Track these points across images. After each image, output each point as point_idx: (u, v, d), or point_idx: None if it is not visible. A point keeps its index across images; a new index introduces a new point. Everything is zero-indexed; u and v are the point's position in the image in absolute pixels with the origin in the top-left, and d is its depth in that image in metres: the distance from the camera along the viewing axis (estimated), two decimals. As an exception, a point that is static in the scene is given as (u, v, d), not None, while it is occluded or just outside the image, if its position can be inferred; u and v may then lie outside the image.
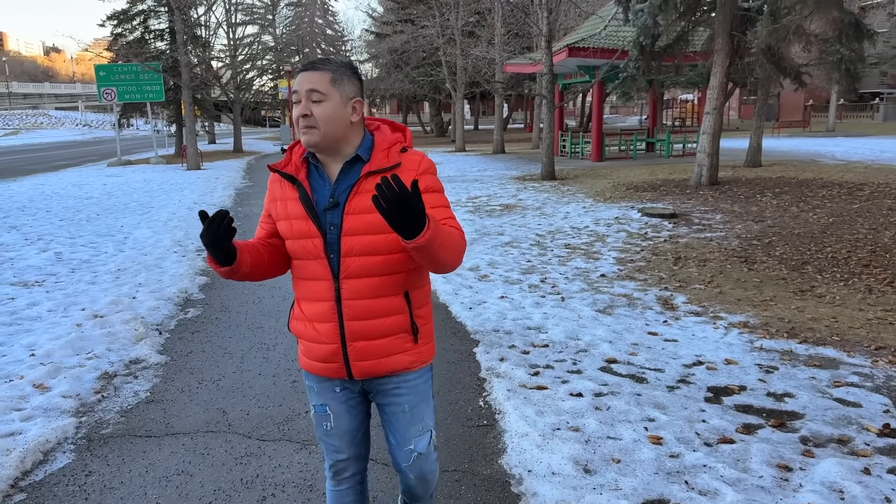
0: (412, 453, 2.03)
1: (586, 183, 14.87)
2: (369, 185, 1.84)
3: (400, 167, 1.88)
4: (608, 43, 18.40)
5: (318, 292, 1.91)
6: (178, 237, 8.86)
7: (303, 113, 1.82)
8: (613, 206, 10.89)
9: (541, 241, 8.44)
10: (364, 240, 1.85)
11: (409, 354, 1.98)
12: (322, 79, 1.83)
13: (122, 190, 14.85)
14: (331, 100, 1.83)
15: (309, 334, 1.95)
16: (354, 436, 2.07)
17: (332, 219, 1.87)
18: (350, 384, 2.02)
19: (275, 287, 6.43)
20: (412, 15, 32.18)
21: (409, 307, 1.94)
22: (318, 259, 1.89)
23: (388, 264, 1.88)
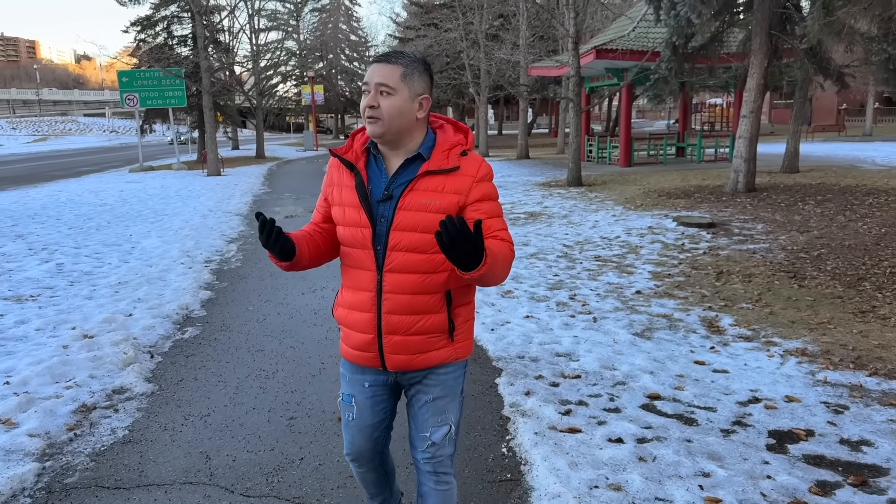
0: (426, 440, 2.04)
1: (615, 189, 14.25)
2: (425, 184, 1.87)
3: (458, 171, 1.89)
4: (637, 44, 17.77)
5: (361, 281, 1.94)
6: (187, 247, 8.47)
7: (370, 104, 1.83)
8: (646, 215, 10.29)
9: (568, 252, 7.89)
10: (412, 236, 1.86)
11: (444, 351, 1.98)
12: (393, 73, 1.84)
13: (137, 197, 14.59)
14: (399, 94, 1.84)
15: (348, 321, 1.99)
16: (373, 431, 2.10)
17: (384, 211, 1.89)
18: (383, 375, 2.05)
19: (282, 304, 5.97)
20: (435, 19, 31.80)
21: (449, 307, 1.94)
22: (364, 249, 1.91)
23: (432, 263, 1.88)
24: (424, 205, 1.86)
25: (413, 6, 42.91)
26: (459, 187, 1.88)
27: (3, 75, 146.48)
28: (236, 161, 30.18)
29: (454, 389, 2.06)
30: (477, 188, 1.89)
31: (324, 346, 4.79)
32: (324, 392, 3.96)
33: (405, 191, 1.88)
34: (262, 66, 34.61)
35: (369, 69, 1.88)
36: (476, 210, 1.88)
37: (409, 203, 1.87)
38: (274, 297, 6.19)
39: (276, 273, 7.21)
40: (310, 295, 6.25)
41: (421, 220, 1.86)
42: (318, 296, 6.22)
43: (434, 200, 1.87)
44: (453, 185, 1.88)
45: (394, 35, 48.32)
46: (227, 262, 7.86)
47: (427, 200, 1.87)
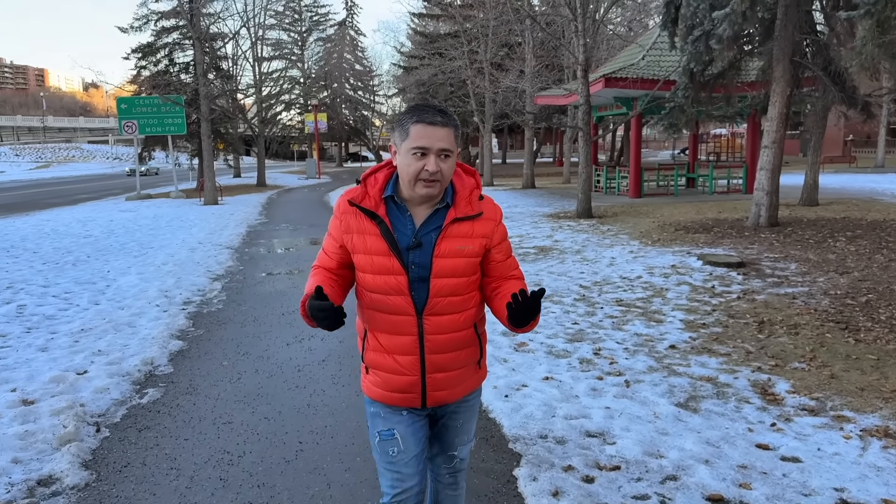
0: (454, 458, 2.19)
1: (628, 222, 13.53)
2: (456, 231, 1.94)
3: (482, 216, 1.98)
4: (648, 73, 17.21)
5: (400, 326, 1.96)
6: (167, 286, 7.73)
7: (436, 170, 1.84)
8: (666, 251, 9.53)
9: (586, 294, 7.12)
10: (451, 281, 1.94)
11: (474, 379, 2.12)
12: (450, 136, 1.87)
13: (126, 227, 13.90)
14: (454, 156, 1.90)
15: (389, 366, 2.00)
16: (419, 461, 2.06)
17: (415, 258, 1.92)
18: (418, 411, 2.07)
19: (262, 358, 5.20)
20: (440, 48, 31.49)
21: (479, 338, 2.08)
22: (401, 295, 1.93)
23: (465, 302, 1.99)
24: (459, 251, 1.93)
25: (418, 36, 42.78)
26: (486, 232, 1.98)
27: (11, 103, 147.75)
28: (237, 189, 29.62)
29: (476, 409, 2.21)
30: (498, 231, 2.02)
31: (305, 417, 4.01)
32: (298, 488, 3.17)
33: (439, 238, 1.91)
34: (264, 95, 34.28)
35: (420, 130, 1.84)
36: (499, 251, 2.02)
37: (445, 250, 1.92)
38: (254, 349, 5.42)
39: (260, 317, 6.46)
40: (295, 346, 5.48)
41: (458, 265, 1.93)
42: (305, 347, 5.45)
43: (467, 246, 1.94)
44: (481, 230, 1.97)
45: (398, 64, 48.22)
46: (208, 303, 7.11)
47: (461, 246, 1.93)
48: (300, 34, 51.33)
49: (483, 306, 2.11)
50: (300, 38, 51.52)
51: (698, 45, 11.36)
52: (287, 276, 8.60)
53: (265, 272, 8.92)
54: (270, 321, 6.32)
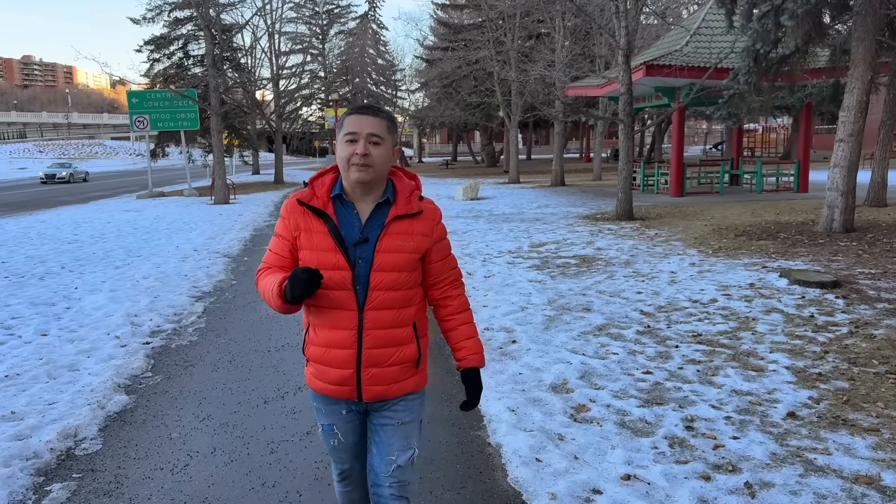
0: (392, 463, 2.12)
1: (676, 225, 11.98)
2: (397, 227, 2.02)
3: (422, 215, 2.07)
4: (694, 60, 15.57)
5: (340, 321, 2.00)
6: (138, 308, 6.43)
7: (364, 152, 1.94)
8: (735, 264, 8.01)
9: (651, 325, 5.66)
10: (391, 276, 1.99)
11: (412, 380, 2.12)
12: (380, 125, 1.99)
13: (119, 231, 12.68)
14: (385, 144, 1.99)
15: (325, 358, 2.04)
16: (357, 449, 2.22)
17: (361, 253, 1.98)
18: (356, 405, 2.12)
19: (227, 425, 3.83)
20: (465, 39, 29.99)
21: (417, 338, 2.10)
22: (344, 290, 1.98)
23: (405, 299, 2.04)
24: (400, 246, 2.00)
25: (441, 27, 41.32)
26: (426, 230, 2.06)
27: (40, 99, 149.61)
28: (252, 187, 28.50)
29: (419, 414, 2.18)
30: (437, 230, 2.11)
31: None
32: None
33: (381, 234, 1.99)
34: (282, 89, 33.09)
35: (351, 119, 1.98)
36: (437, 251, 2.11)
37: (387, 246, 1.99)
38: (220, 410, 4.06)
39: (239, 356, 5.10)
40: (275, 405, 4.11)
41: (398, 260, 2.00)
42: (287, 407, 4.07)
43: (407, 242, 2.02)
44: (420, 228, 2.05)
45: (421, 57, 46.81)
46: (181, 333, 5.77)
47: (402, 242, 2.01)
48: (321, 27, 50.05)
49: (424, 308, 2.17)
50: (321, 32, 50.26)
51: (765, 23, 9.78)
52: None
53: (260, 288, 7.60)
54: (251, 362, 4.96)
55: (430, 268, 2.10)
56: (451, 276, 2.15)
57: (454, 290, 2.16)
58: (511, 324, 5.76)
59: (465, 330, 2.15)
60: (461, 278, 2.21)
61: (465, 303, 2.19)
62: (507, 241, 10.69)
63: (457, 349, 2.15)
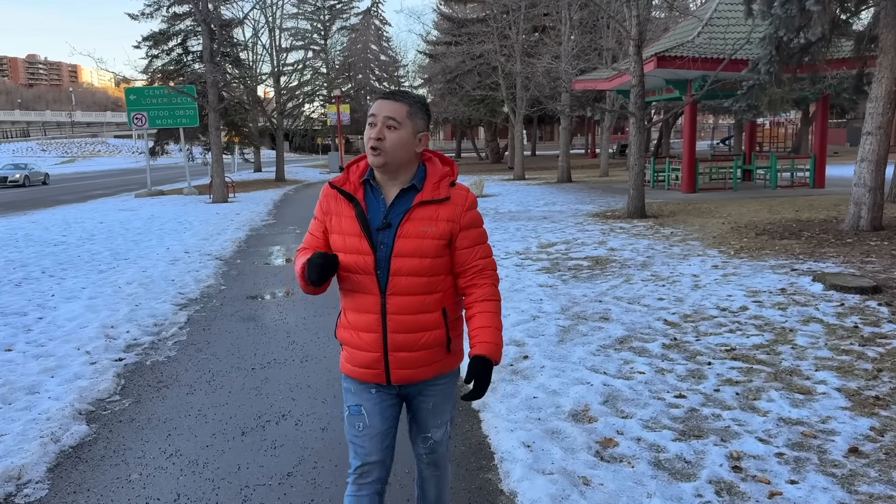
0: (429, 439, 2.22)
1: (692, 223, 11.41)
2: (421, 213, 2.00)
3: (450, 200, 2.03)
4: (708, 51, 14.98)
5: (365, 304, 2.02)
6: (116, 318, 5.91)
7: (378, 136, 1.95)
8: (761, 266, 7.44)
9: (678, 337, 5.11)
10: (412, 262, 1.98)
11: (442, 363, 2.11)
12: (400, 109, 1.97)
13: (111, 231, 12.17)
14: (404, 129, 1.97)
15: (354, 342, 2.06)
16: (383, 439, 2.11)
17: (384, 238, 1.98)
18: (387, 388, 2.11)
19: (192, 466, 3.30)
20: (469, 33, 29.37)
21: (446, 323, 2.07)
22: (367, 274, 1.99)
23: (430, 285, 2.02)
24: (422, 232, 1.98)
25: (445, 21, 40.71)
26: (452, 216, 2.02)
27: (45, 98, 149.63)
28: (254, 185, 28.01)
29: (450, 394, 2.19)
30: (466, 216, 2.05)
31: None
32: None
33: (403, 220, 1.98)
34: (283, 86, 32.55)
35: (376, 104, 1.98)
36: (464, 237, 2.05)
37: (408, 231, 1.98)
38: (190, 443, 3.54)
39: (220, 375, 4.58)
40: (254, 436, 3.58)
41: (419, 246, 1.98)
42: (268, 441, 3.54)
43: (430, 228, 1.99)
44: (446, 213, 2.01)
45: (424, 52, 46.21)
46: (159, 347, 5.25)
47: (424, 228, 1.98)
48: (323, 23, 49.47)
49: (455, 295, 2.13)
50: (323, 28, 49.69)
51: (789, 8, 9.19)
52: (275, 303, 6.73)
53: (250, 295, 7.07)
54: (232, 382, 4.43)
55: (457, 254, 2.07)
56: (480, 265, 2.08)
57: (480, 279, 2.08)
58: (522, 336, 5.22)
59: (483, 318, 2.06)
60: (493, 269, 2.11)
61: (490, 293, 2.08)
62: (514, 241, 10.14)
63: (472, 336, 2.07)
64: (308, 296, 6.93)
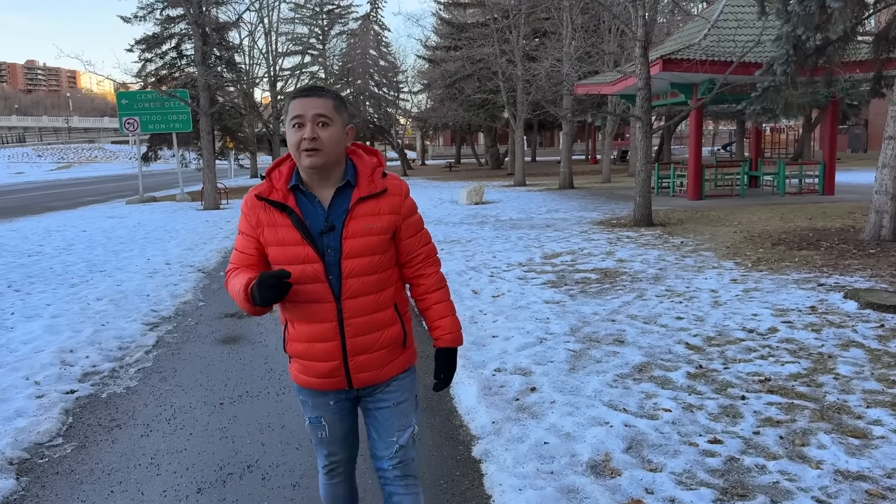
0: (394, 445, 2.07)
1: (702, 232, 10.85)
2: (363, 210, 1.93)
3: (387, 192, 1.97)
4: (716, 53, 14.46)
5: (318, 314, 1.93)
6: (78, 340, 5.34)
7: (312, 136, 1.85)
8: (784, 281, 6.88)
9: (704, 364, 4.54)
10: (363, 261, 1.92)
11: (401, 360, 2.06)
12: (327, 104, 1.89)
13: (92, 241, 11.59)
14: (335, 125, 1.90)
15: (309, 353, 1.97)
16: (346, 439, 2.12)
17: (329, 242, 1.91)
18: (346, 393, 2.06)
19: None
20: (469, 38, 28.89)
21: (401, 318, 2.04)
22: (318, 282, 1.91)
23: (382, 281, 1.97)
24: (367, 229, 1.92)
25: (444, 25, 40.27)
26: (393, 207, 1.97)
27: (44, 104, 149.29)
28: (247, 191, 27.43)
29: (412, 391, 2.12)
30: (405, 205, 2.00)
31: None
32: None
33: (346, 219, 1.91)
34: (279, 91, 32.05)
35: (297, 103, 1.87)
36: (409, 226, 2.02)
37: (354, 230, 1.91)
38: (139, 499, 2.96)
39: (182, 411, 4.00)
40: (212, 494, 3.00)
41: (367, 244, 1.92)
42: (229, 499, 2.96)
43: (375, 223, 1.93)
44: (387, 206, 1.96)
45: (423, 57, 45.75)
46: (118, 376, 4.67)
47: (369, 225, 1.93)
48: (321, 28, 49.01)
49: (403, 287, 2.09)
50: (321, 32, 49.22)
51: (808, 5, 8.66)
52: (255, 322, 6.15)
53: (229, 312, 6.50)
54: (195, 420, 3.86)
55: (401, 245, 2.03)
56: (424, 252, 2.07)
57: (428, 268, 2.08)
58: (528, 362, 4.65)
59: (440, 308, 2.08)
60: (435, 254, 2.13)
61: (441, 279, 2.11)
62: (516, 252, 9.58)
63: (433, 328, 2.09)
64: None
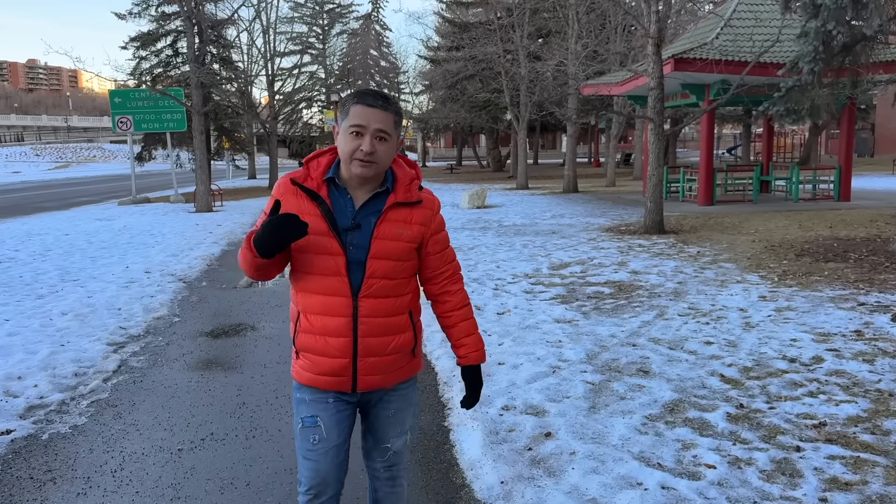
0: (388, 451, 2.13)
1: (718, 241, 10.22)
2: (395, 215, 1.95)
3: (421, 204, 2.01)
4: (730, 53, 13.84)
5: (334, 307, 1.93)
6: (28, 364, 4.70)
7: (370, 150, 1.85)
8: (819, 298, 6.23)
9: (743, 401, 3.90)
10: (388, 264, 1.93)
11: (408, 368, 2.08)
12: (388, 119, 1.88)
13: (71, 245, 10.95)
14: (392, 140, 1.92)
15: (319, 348, 1.96)
16: (338, 453, 2.03)
17: (353, 239, 1.91)
18: (347, 397, 2.03)
19: None
20: (472, 37, 28.28)
21: (414, 326, 2.05)
22: (337, 276, 1.91)
23: (400, 287, 1.98)
24: (398, 234, 1.95)
25: (447, 24, 39.68)
26: (424, 219, 2.01)
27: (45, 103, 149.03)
28: (243, 193, 26.83)
29: (411, 401, 2.15)
30: (435, 221, 2.04)
31: None
32: None
33: (379, 220, 1.92)
34: (277, 90, 31.43)
35: (359, 110, 1.85)
36: (434, 242, 2.05)
37: (384, 233, 1.93)
38: None
39: (129, 461, 3.36)
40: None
41: (395, 248, 1.94)
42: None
43: (405, 231, 1.96)
44: (419, 217, 2.00)
45: (425, 57, 45.16)
46: (66, 411, 4.04)
47: (400, 230, 1.95)
48: (321, 27, 48.42)
49: (418, 296, 2.09)
50: (321, 32, 48.63)
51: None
52: (233, 344, 5.52)
53: (205, 330, 5.86)
54: (145, 474, 3.22)
55: (428, 260, 2.05)
56: (450, 269, 2.10)
57: (453, 286, 2.11)
58: (540, 398, 4.01)
59: (465, 326, 2.11)
60: (460, 271, 2.14)
61: (465, 298, 2.14)
62: (521, 261, 8.95)
63: (457, 346, 2.11)
64: (274, 335, 5.73)
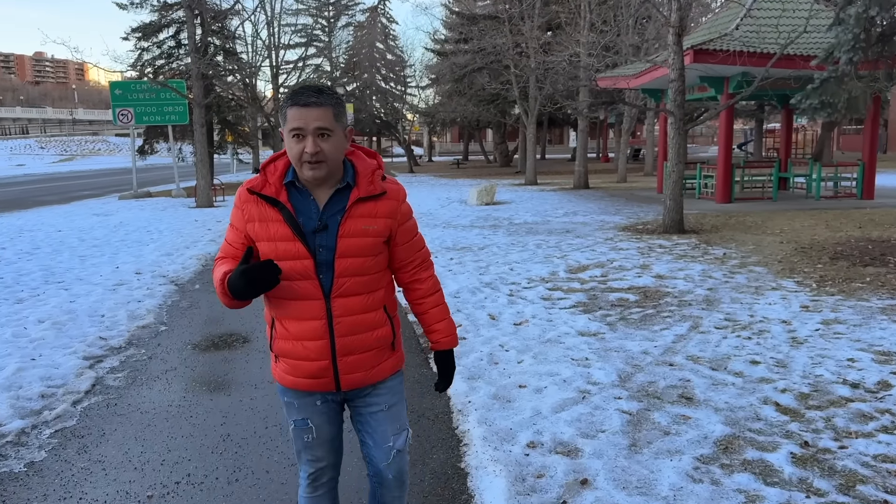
0: (392, 450, 2.07)
1: (743, 241, 9.64)
2: (360, 210, 1.91)
3: (386, 196, 1.96)
4: (752, 44, 13.21)
5: (307, 311, 1.92)
6: (-8, 381, 4.18)
7: (314, 150, 1.81)
8: (867, 308, 5.66)
9: (807, 438, 3.35)
10: (356, 261, 1.91)
11: (390, 362, 2.07)
12: (327, 114, 1.83)
13: (62, 243, 10.44)
14: (336, 134, 1.86)
15: (297, 352, 1.96)
16: (333, 444, 2.09)
17: (321, 241, 1.89)
18: (332, 395, 2.04)
19: None
20: (480, 29, 27.65)
21: (390, 319, 2.05)
22: (307, 279, 1.90)
23: (373, 283, 1.97)
24: (364, 230, 1.91)
25: (454, 16, 39.03)
26: (390, 211, 1.97)
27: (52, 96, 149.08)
28: (247, 187, 26.29)
29: (401, 394, 2.13)
30: (402, 210, 2.00)
31: None
32: None
33: (343, 219, 1.89)
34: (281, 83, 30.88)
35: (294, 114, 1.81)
36: (405, 232, 2.02)
37: (350, 230, 1.90)
38: None
39: None
40: None
41: (362, 244, 1.91)
42: None
43: (371, 226, 1.92)
44: (385, 209, 1.96)
45: (432, 50, 44.52)
46: (24, 443, 3.50)
47: (366, 226, 1.92)
48: (327, 20, 47.83)
49: (393, 289, 2.08)
50: (327, 24, 48.04)
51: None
52: (222, 358, 4.99)
53: (194, 341, 5.33)
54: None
55: (397, 251, 2.03)
56: (419, 257, 2.09)
57: (423, 272, 2.10)
58: (571, 433, 3.46)
59: (437, 312, 2.12)
60: (430, 258, 2.14)
61: (436, 283, 2.13)
62: (536, 263, 8.39)
63: (430, 331, 2.13)
64: (267, 348, 5.21)
